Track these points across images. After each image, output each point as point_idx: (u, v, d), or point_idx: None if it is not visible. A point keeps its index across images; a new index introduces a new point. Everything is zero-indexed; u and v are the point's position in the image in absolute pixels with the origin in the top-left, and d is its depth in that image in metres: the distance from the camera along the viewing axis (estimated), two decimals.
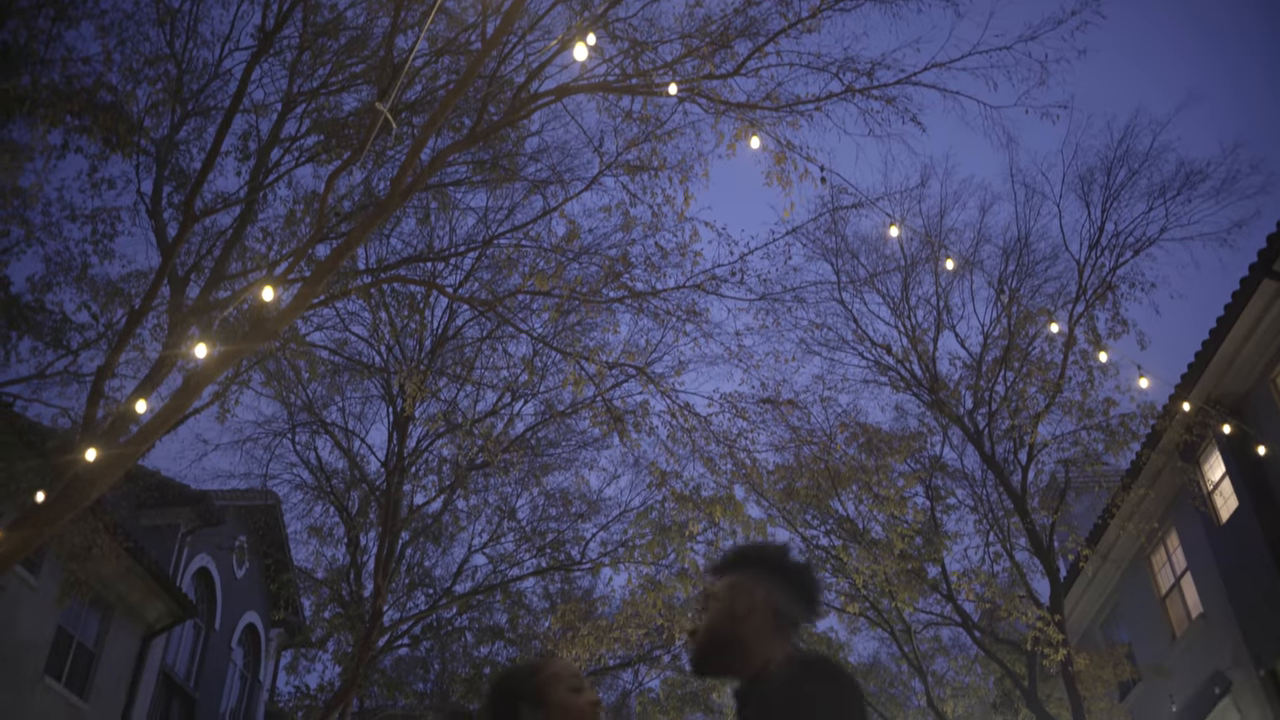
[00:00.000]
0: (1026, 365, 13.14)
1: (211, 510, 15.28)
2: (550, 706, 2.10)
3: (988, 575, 13.75)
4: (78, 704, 12.89)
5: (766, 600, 2.09)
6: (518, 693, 2.12)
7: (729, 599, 2.10)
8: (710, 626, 2.10)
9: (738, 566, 2.15)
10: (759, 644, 2.05)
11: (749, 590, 2.10)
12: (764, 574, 2.12)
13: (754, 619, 2.07)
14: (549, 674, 2.15)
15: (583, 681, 2.18)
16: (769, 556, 2.17)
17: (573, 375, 11.43)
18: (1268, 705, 10.91)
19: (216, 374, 8.24)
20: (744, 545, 2.27)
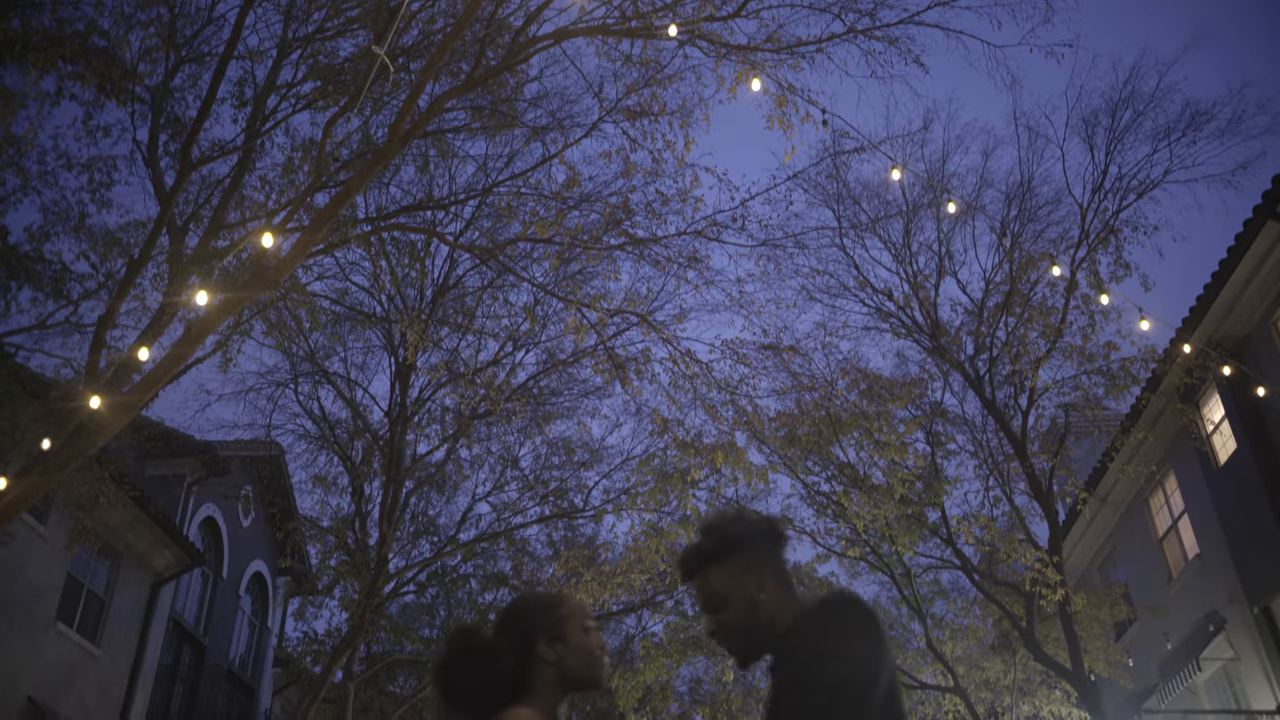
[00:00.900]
0: (1028, 310, 13.12)
1: (216, 460, 15.38)
2: (567, 643, 2.12)
3: (987, 519, 13.87)
4: (90, 649, 13.10)
5: (770, 568, 2.11)
6: (536, 625, 2.13)
7: (739, 588, 2.09)
8: (735, 623, 2.10)
9: (722, 554, 2.13)
10: (781, 611, 2.08)
11: (751, 572, 2.10)
12: (748, 549, 2.12)
13: (768, 593, 2.09)
14: (568, 610, 2.17)
15: (595, 625, 2.20)
16: (743, 532, 2.15)
17: (573, 323, 11.43)
18: (1260, 641, 11.08)
19: (218, 323, 8.24)
20: (714, 530, 2.19)
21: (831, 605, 2.00)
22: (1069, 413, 13.61)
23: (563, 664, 2.10)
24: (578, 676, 2.11)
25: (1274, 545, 10.68)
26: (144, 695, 14.16)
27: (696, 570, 2.14)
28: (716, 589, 2.10)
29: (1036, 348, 12.92)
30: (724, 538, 2.13)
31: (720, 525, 2.18)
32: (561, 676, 2.10)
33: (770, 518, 2.23)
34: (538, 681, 2.08)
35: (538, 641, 2.11)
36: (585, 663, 2.11)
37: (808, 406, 13.31)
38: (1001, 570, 14.80)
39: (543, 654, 2.09)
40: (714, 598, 2.11)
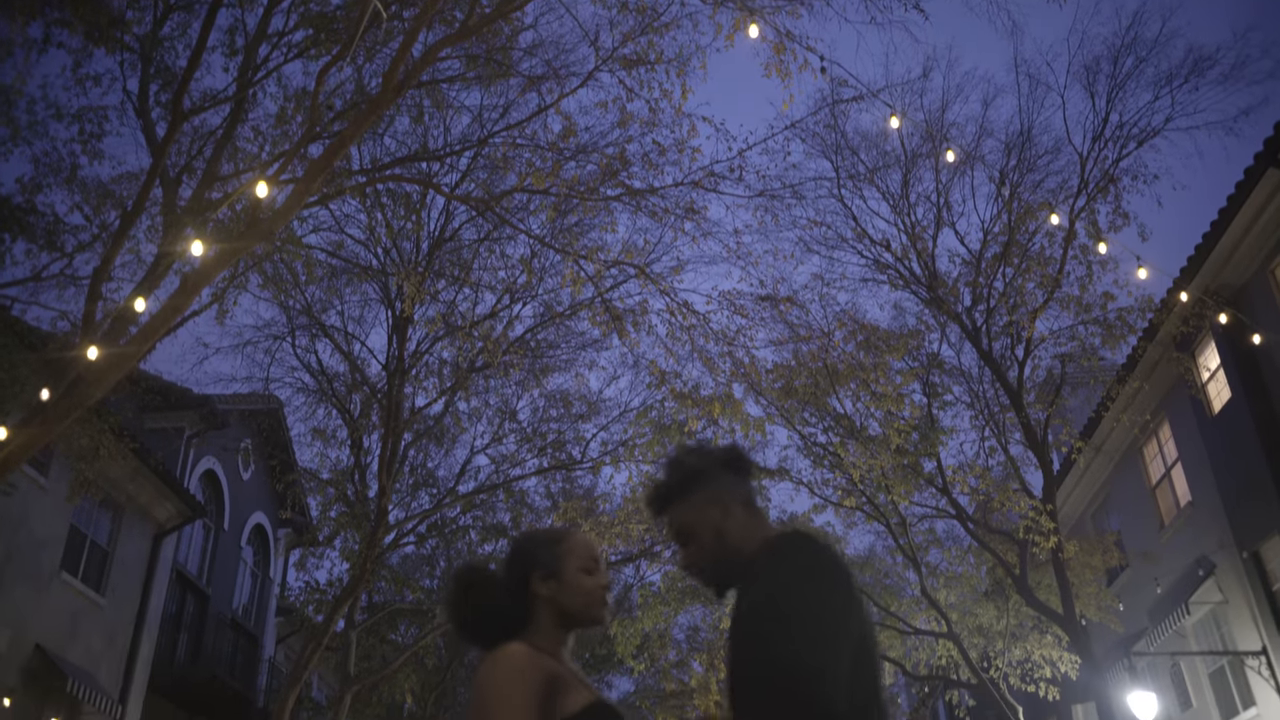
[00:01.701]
0: (1025, 261, 13.10)
1: (215, 413, 15.44)
2: (562, 580, 2.12)
3: (982, 469, 13.98)
4: (95, 598, 13.27)
5: (730, 497, 2.13)
6: (533, 560, 2.14)
7: (704, 520, 2.11)
8: (703, 554, 2.11)
9: (685, 488, 2.14)
10: (747, 538, 2.09)
11: (715, 502, 2.12)
12: (710, 481, 2.14)
13: (734, 522, 2.10)
14: (566, 547, 2.16)
15: (598, 564, 2.18)
16: (703, 465, 2.17)
17: (570, 274, 11.40)
18: (1248, 585, 11.23)
19: (213, 275, 8.22)
20: (676, 466, 2.19)
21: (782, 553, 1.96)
22: (1065, 363, 13.64)
23: (557, 601, 2.10)
24: (575, 614, 2.11)
25: (1265, 492, 10.79)
26: (149, 643, 14.36)
27: (663, 507, 2.17)
28: (682, 523, 2.13)
29: (1034, 298, 12.92)
30: (684, 473, 2.15)
31: (680, 461, 2.20)
32: (558, 613, 2.11)
33: (731, 447, 2.23)
34: (536, 617, 2.10)
35: (533, 578, 2.12)
36: (581, 601, 2.11)
37: (805, 358, 13.34)
38: (996, 519, 14.94)
39: (537, 590, 2.11)
40: (681, 532, 2.14)
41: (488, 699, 1.88)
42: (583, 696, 1.97)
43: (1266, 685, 11.04)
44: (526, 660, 1.93)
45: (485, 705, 1.87)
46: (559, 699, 1.93)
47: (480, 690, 1.90)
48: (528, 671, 1.91)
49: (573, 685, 1.99)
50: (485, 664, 1.94)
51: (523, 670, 1.91)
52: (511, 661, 1.92)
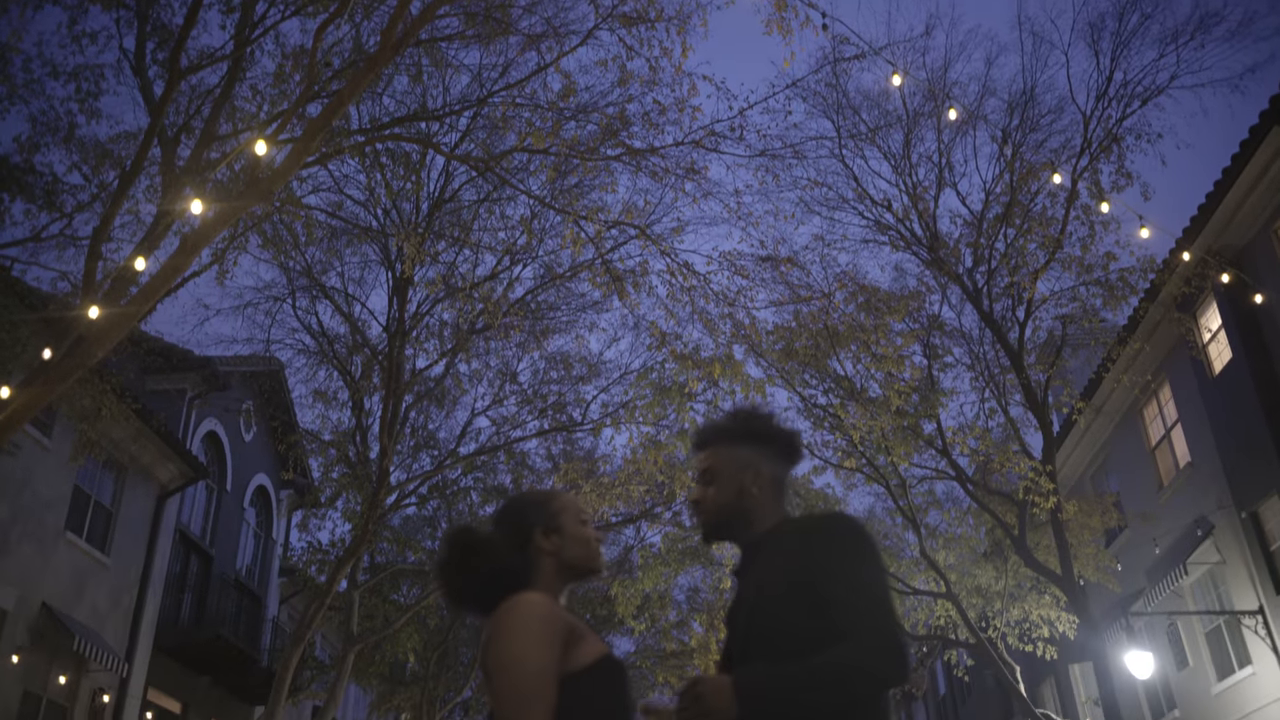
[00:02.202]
0: (1027, 222, 13.04)
1: (216, 375, 15.46)
2: (564, 534, 2.17)
3: (982, 430, 14.01)
4: (100, 558, 13.37)
5: (771, 473, 2.19)
6: (533, 520, 2.19)
7: (735, 474, 2.17)
8: (718, 501, 2.18)
9: (737, 438, 2.21)
10: (762, 513, 2.17)
11: (753, 465, 2.18)
12: (762, 446, 2.21)
13: (758, 492, 2.17)
14: (560, 504, 2.22)
15: (589, 516, 2.25)
16: (765, 429, 2.23)
17: (570, 234, 11.36)
18: (1246, 545, 11.31)
19: (213, 235, 8.19)
20: (740, 416, 2.27)
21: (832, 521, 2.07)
22: (1066, 324, 13.63)
23: (561, 554, 2.15)
24: (577, 564, 2.17)
25: (1265, 452, 10.83)
26: (154, 603, 14.50)
27: (709, 443, 2.24)
28: (716, 466, 2.19)
29: (1035, 259, 12.88)
30: (742, 426, 2.22)
31: (746, 415, 2.26)
32: (561, 566, 2.16)
33: (795, 433, 2.29)
34: (538, 573, 2.14)
35: (535, 534, 2.16)
36: (583, 551, 2.18)
37: (805, 320, 13.33)
38: (995, 480, 15.01)
39: (540, 546, 2.15)
40: (710, 472, 2.20)
41: (512, 644, 1.89)
42: (596, 648, 2.00)
43: (1262, 644, 11.15)
44: (549, 607, 1.96)
45: (509, 651, 1.89)
46: (576, 649, 1.96)
47: (502, 636, 1.92)
48: (551, 618, 1.94)
49: (587, 635, 2.02)
50: (505, 612, 1.95)
51: (545, 616, 1.94)
52: (533, 608, 1.94)
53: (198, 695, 16.11)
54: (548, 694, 1.86)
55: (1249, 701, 11.70)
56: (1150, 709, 14.85)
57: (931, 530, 16.33)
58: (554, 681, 1.88)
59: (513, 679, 1.86)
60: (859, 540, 1.99)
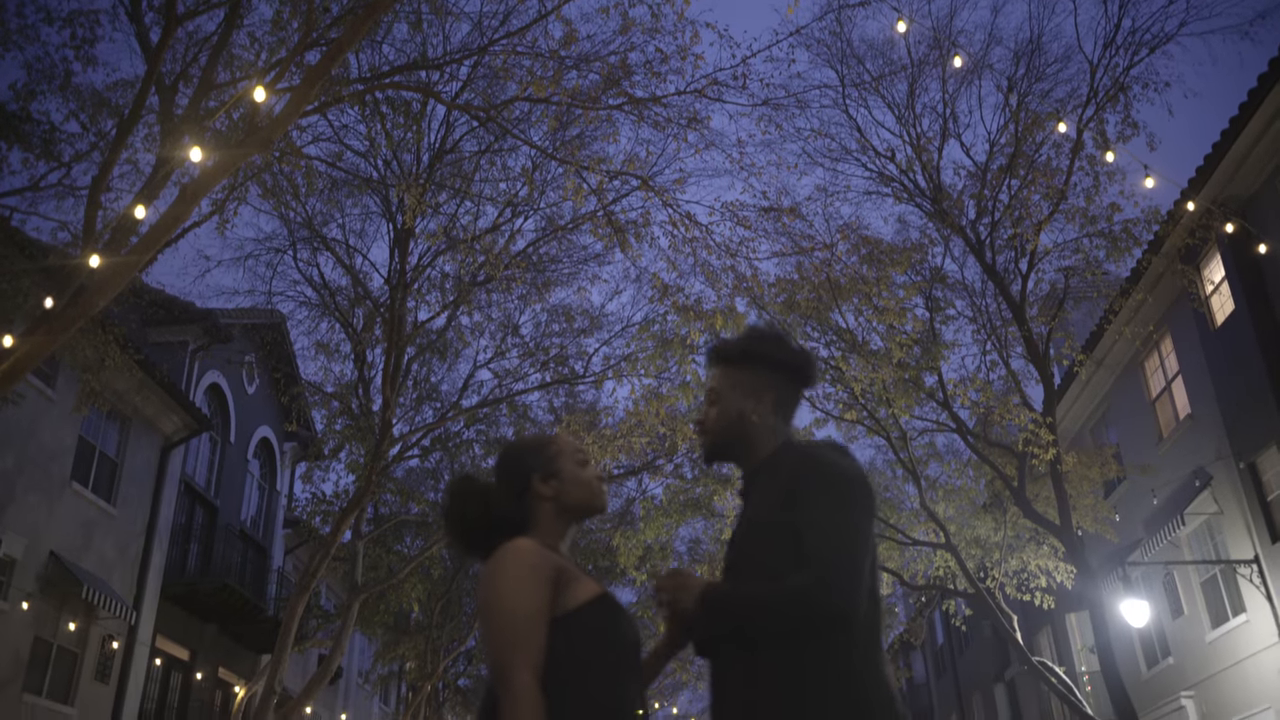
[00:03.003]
0: (1031, 173, 12.94)
1: (218, 327, 15.47)
2: (562, 478, 2.17)
3: (983, 382, 14.03)
4: (107, 508, 13.48)
5: (773, 395, 2.15)
6: (530, 465, 2.19)
7: (736, 398, 2.14)
8: (719, 421, 2.16)
9: (743, 359, 2.17)
10: (765, 436, 2.14)
11: (756, 387, 2.15)
12: (769, 368, 2.17)
13: (761, 414, 2.14)
14: (557, 448, 2.22)
15: (588, 456, 2.25)
16: (773, 350, 2.18)
17: (572, 184, 11.30)
18: (1244, 496, 11.38)
19: (213, 184, 8.15)
20: (749, 337, 2.22)
21: (825, 454, 2.04)
22: (1069, 277, 13.59)
23: (560, 498, 2.16)
24: (578, 506, 2.18)
25: (1265, 403, 10.86)
26: (160, 552, 14.65)
27: (714, 363, 2.24)
28: (718, 387, 2.19)
29: (1039, 210, 12.80)
30: (748, 347, 2.18)
31: (753, 336, 2.22)
32: (561, 509, 2.17)
33: (806, 353, 2.24)
34: (538, 518, 2.15)
35: (533, 480, 2.17)
36: (583, 493, 2.18)
37: (808, 272, 13.30)
38: (995, 433, 15.07)
39: (539, 491, 2.16)
40: (713, 393, 2.20)
41: (500, 591, 1.92)
42: (589, 588, 2.02)
43: (1257, 592, 11.27)
44: (536, 553, 1.97)
45: (497, 597, 1.91)
46: (567, 591, 1.98)
47: (490, 583, 1.94)
48: (538, 564, 1.95)
49: (579, 577, 2.03)
50: (494, 560, 1.97)
51: (533, 563, 1.95)
52: (521, 555, 1.96)
53: (205, 643, 16.34)
54: (534, 638, 1.88)
55: (1242, 649, 11.86)
56: (1145, 657, 15.05)
57: (931, 482, 16.42)
58: (542, 626, 1.91)
59: (500, 624, 1.88)
60: (842, 479, 1.95)
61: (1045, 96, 13.41)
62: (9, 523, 11.52)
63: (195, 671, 16.11)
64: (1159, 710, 14.04)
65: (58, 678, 12.55)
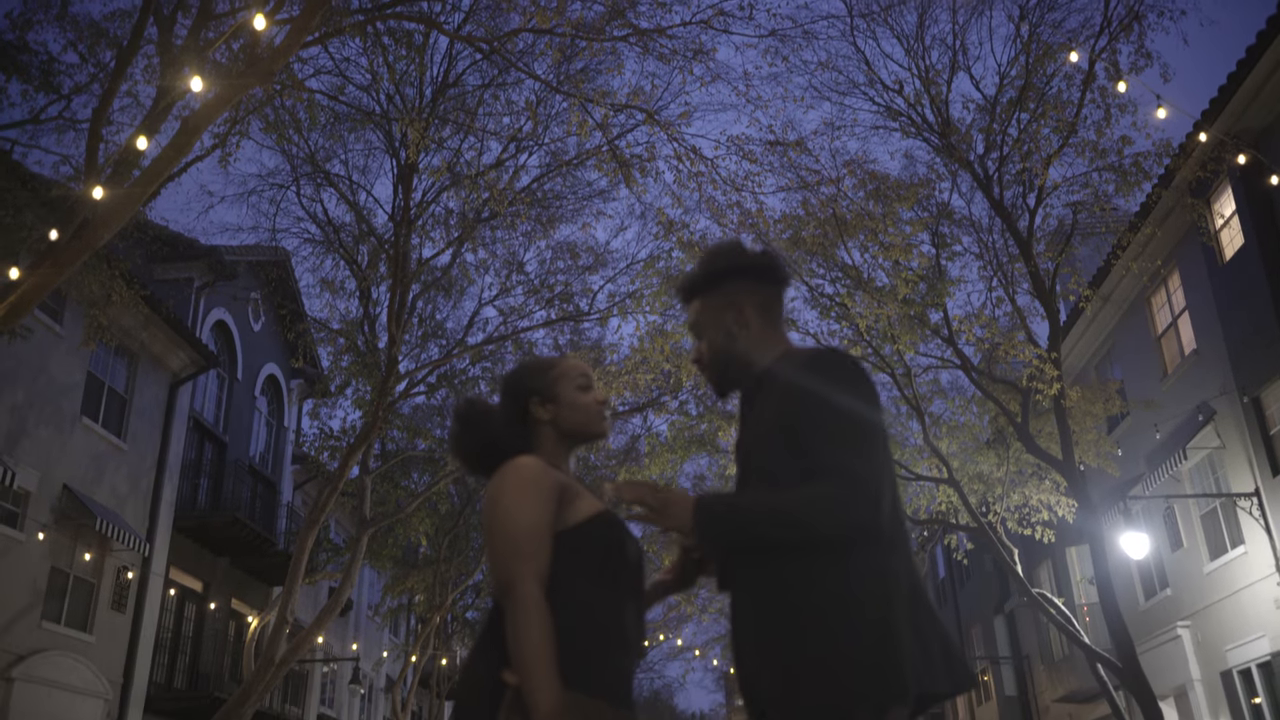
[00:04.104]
0: (1042, 105, 12.76)
1: (223, 264, 15.46)
2: (560, 403, 2.17)
3: (989, 318, 14.01)
4: (117, 443, 13.62)
5: (754, 304, 2.10)
6: (529, 389, 2.19)
7: (717, 319, 2.10)
8: (712, 350, 2.11)
9: (710, 282, 2.12)
10: (759, 346, 2.09)
11: (732, 302, 2.10)
12: (736, 280, 2.11)
13: (751, 326, 2.09)
14: (558, 372, 2.21)
15: (591, 380, 2.23)
16: (733, 260, 2.13)
17: (576, 117, 11.19)
18: (1246, 430, 11.43)
19: (214, 116, 8.08)
20: (705, 258, 2.16)
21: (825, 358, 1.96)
22: (1077, 211, 13.49)
23: (559, 422, 2.17)
24: (577, 431, 2.18)
25: (1271, 338, 10.85)
26: (172, 486, 14.83)
27: (687, 299, 2.18)
28: (698, 319, 2.13)
29: (1049, 144, 12.66)
30: (710, 269, 2.13)
31: (710, 256, 2.17)
32: (560, 433, 2.18)
33: (765, 253, 2.18)
34: (538, 440, 2.17)
35: (531, 403, 2.18)
36: (582, 417, 2.17)
37: (813, 208, 13.21)
38: (1000, 369, 15.09)
39: (538, 414, 2.17)
40: (695, 326, 2.15)
41: (503, 505, 1.94)
42: (592, 505, 2.04)
43: (1256, 525, 11.38)
44: (539, 469, 1.99)
45: (502, 511, 1.94)
46: (570, 506, 2.00)
47: (494, 499, 1.96)
48: (541, 478, 1.97)
49: (582, 494, 2.05)
50: (497, 476, 2.00)
51: (536, 478, 1.97)
52: (524, 470, 1.98)
53: (218, 575, 16.62)
54: (540, 552, 1.90)
55: (1239, 579, 12.02)
56: (1143, 588, 15.26)
57: (935, 419, 16.48)
58: (547, 538, 1.93)
59: (506, 538, 1.90)
60: (846, 380, 1.88)
61: (1058, 27, 13.18)
62: (22, 456, 11.65)
63: (209, 602, 16.42)
64: (1155, 639, 14.27)
65: (75, 606, 12.81)
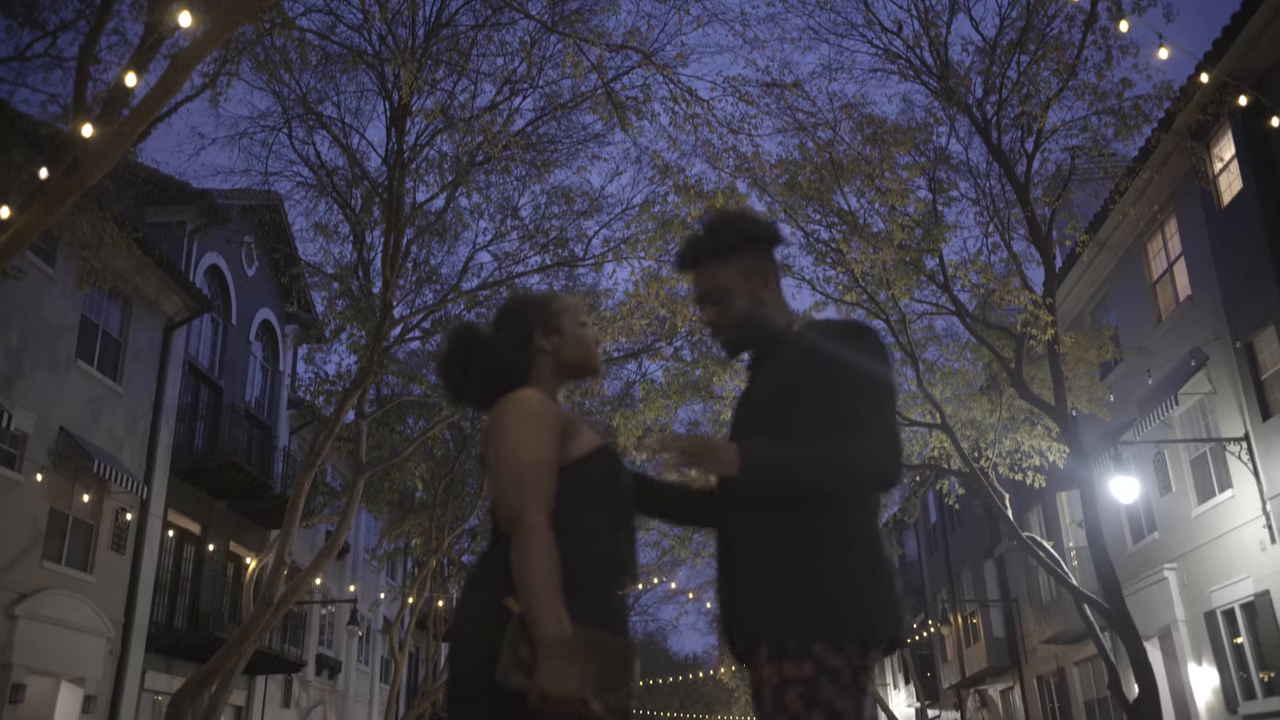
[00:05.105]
0: (1042, 47, 12.62)
1: (216, 207, 15.35)
2: (563, 334, 2.19)
3: (984, 264, 14.00)
4: (113, 386, 13.63)
5: (769, 267, 2.19)
6: (533, 320, 2.21)
7: (745, 285, 2.16)
8: (738, 316, 2.16)
9: (733, 248, 2.17)
10: (778, 308, 2.19)
11: (758, 269, 2.17)
12: (755, 246, 2.18)
13: (769, 289, 2.18)
14: (561, 305, 2.24)
15: (587, 318, 2.27)
16: (752, 230, 2.20)
17: (571, 58, 11.06)
18: (1238, 375, 11.50)
19: (204, 53, 7.96)
20: (725, 225, 2.22)
21: (850, 328, 2.07)
22: (1075, 156, 13.41)
23: (559, 354, 2.19)
24: (575, 364, 2.21)
25: (1265, 283, 10.87)
26: (168, 430, 14.88)
27: (702, 261, 2.19)
28: (721, 283, 2.16)
29: (1049, 86, 12.54)
30: (735, 234, 2.17)
31: (731, 222, 2.22)
32: (558, 366, 2.20)
33: (773, 222, 2.28)
34: (537, 371, 2.18)
35: (534, 334, 2.19)
36: (581, 351, 2.20)
37: (810, 152, 13.12)
38: (995, 316, 15.10)
39: (539, 345, 2.18)
40: (716, 291, 2.17)
41: (509, 438, 1.95)
42: (591, 439, 2.06)
43: (1244, 469, 11.50)
44: (543, 402, 2.01)
45: (506, 445, 1.95)
46: (572, 441, 2.02)
47: (499, 432, 1.97)
48: (545, 411, 1.99)
49: (581, 428, 2.06)
50: (500, 410, 2.01)
51: (541, 411, 1.99)
52: (528, 403, 1.99)
53: (215, 518, 16.75)
54: (546, 483, 1.93)
55: (1226, 522, 12.18)
56: (1131, 531, 15.46)
57: (930, 365, 16.55)
58: (552, 472, 1.95)
59: (512, 470, 1.92)
60: (878, 351, 2.00)
61: None
62: (18, 397, 11.67)
63: (207, 544, 16.57)
64: (1142, 581, 14.49)
65: (75, 547, 12.93)
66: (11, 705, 11.46)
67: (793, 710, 1.80)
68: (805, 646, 1.83)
